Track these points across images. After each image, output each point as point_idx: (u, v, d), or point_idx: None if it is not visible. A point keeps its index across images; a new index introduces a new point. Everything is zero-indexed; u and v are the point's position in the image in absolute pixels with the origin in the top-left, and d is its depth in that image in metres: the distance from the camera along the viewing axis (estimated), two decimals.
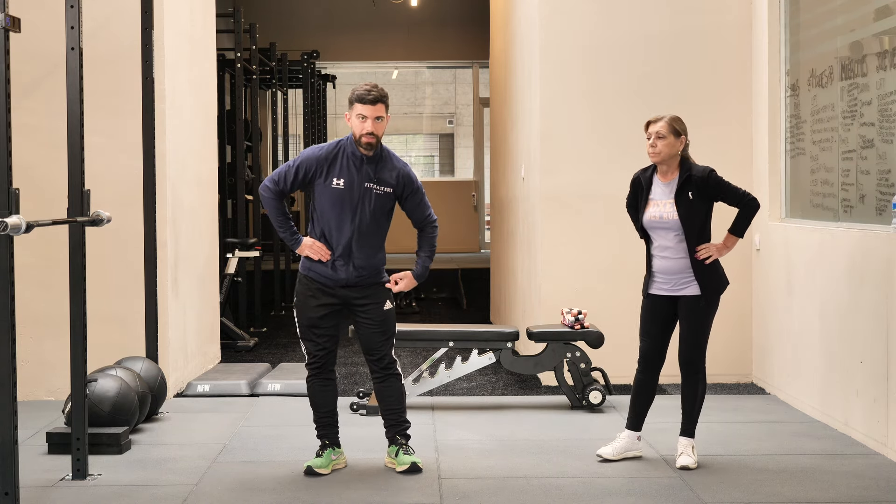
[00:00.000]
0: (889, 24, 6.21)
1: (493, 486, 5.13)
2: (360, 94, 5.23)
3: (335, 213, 5.27)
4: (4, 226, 4.33)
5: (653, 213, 5.43)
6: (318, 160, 5.29)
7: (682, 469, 5.39)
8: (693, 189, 5.37)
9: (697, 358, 5.44)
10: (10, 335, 4.49)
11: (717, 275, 5.45)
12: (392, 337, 5.45)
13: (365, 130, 5.21)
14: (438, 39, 17.45)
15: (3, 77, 4.42)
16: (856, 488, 5.09)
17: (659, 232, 5.43)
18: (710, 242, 5.43)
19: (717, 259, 5.43)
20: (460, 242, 17.44)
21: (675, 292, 5.44)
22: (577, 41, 7.78)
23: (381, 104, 5.24)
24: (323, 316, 5.34)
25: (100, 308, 6.80)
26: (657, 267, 5.47)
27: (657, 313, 5.50)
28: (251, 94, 13.46)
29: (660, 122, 5.41)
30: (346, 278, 5.30)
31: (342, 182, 5.25)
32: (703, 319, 5.42)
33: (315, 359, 5.39)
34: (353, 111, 5.24)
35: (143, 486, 5.16)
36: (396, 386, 5.46)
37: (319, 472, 5.33)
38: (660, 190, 5.46)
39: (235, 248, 10.14)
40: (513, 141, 9.40)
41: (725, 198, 5.45)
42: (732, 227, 5.51)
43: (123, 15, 6.99)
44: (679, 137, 5.39)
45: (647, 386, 5.58)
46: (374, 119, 5.21)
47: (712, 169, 5.44)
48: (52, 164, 6.79)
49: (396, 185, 5.34)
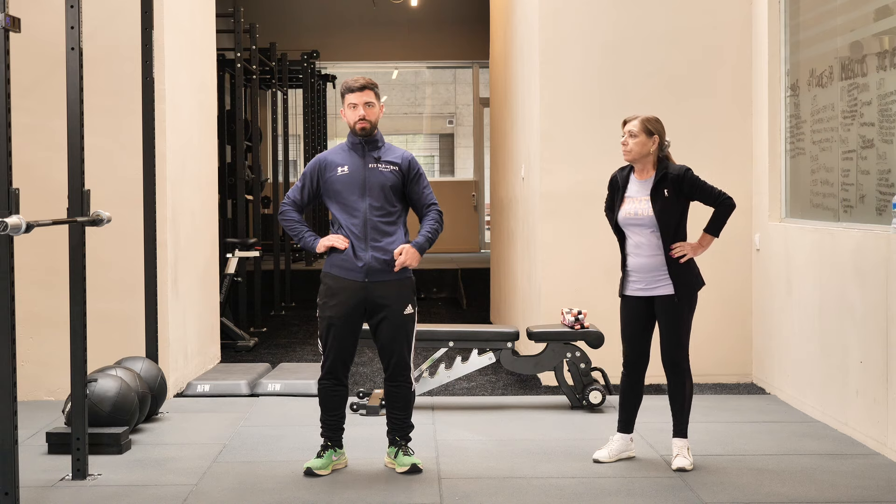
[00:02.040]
0: (889, 24, 6.21)
1: (493, 486, 5.13)
2: (348, 85, 5.37)
3: (346, 196, 5.32)
4: (4, 226, 4.33)
5: (628, 210, 5.45)
6: (320, 161, 5.43)
7: (679, 470, 5.39)
8: (669, 186, 5.39)
9: (680, 357, 5.44)
10: (10, 335, 4.49)
11: (692, 274, 5.46)
12: (410, 343, 5.41)
13: (357, 116, 5.32)
14: (438, 39, 17.45)
15: (3, 77, 4.42)
16: (856, 488, 5.09)
17: (633, 229, 5.44)
18: (685, 241, 5.44)
19: (692, 258, 5.43)
20: (460, 242, 17.44)
21: (650, 292, 5.44)
22: (577, 41, 7.78)
23: (369, 90, 5.36)
24: (342, 316, 5.32)
25: (100, 308, 6.80)
26: (631, 265, 5.48)
27: (634, 316, 5.50)
28: (251, 94, 13.48)
29: (634, 121, 5.45)
30: (366, 264, 5.28)
31: (346, 168, 5.35)
32: (680, 319, 5.42)
33: (330, 361, 5.37)
34: (345, 103, 5.38)
35: (143, 486, 5.16)
36: (406, 393, 5.44)
37: (318, 473, 5.33)
38: (636, 187, 5.48)
39: (235, 248, 10.14)
40: (513, 141, 9.40)
41: (701, 197, 5.46)
42: (708, 226, 5.52)
43: (123, 15, 6.99)
44: (651, 137, 5.41)
45: (634, 388, 5.58)
46: (365, 105, 5.32)
47: (689, 168, 5.46)
48: (52, 164, 6.79)
49: (402, 164, 5.41)
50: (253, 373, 7.85)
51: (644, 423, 6.18)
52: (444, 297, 14.04)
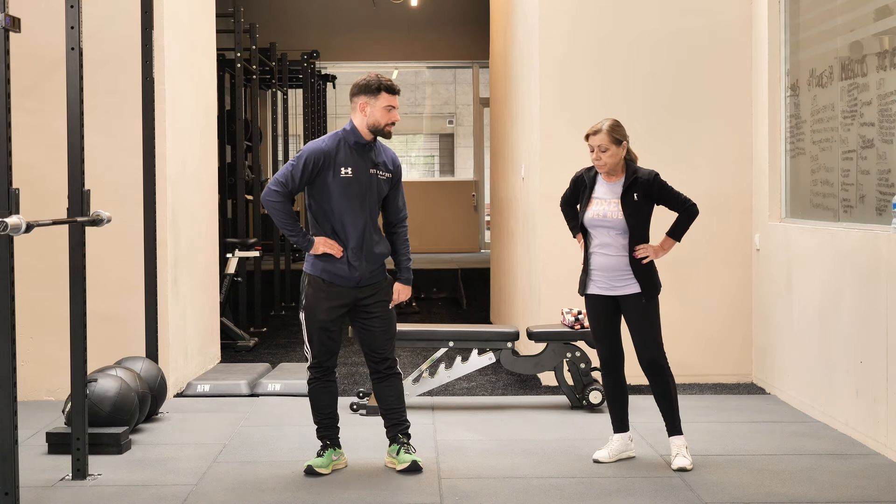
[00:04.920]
0: (889, 24, 6.21)
1: (493, 486, 5.13)
2: (387, 84, 5.30)
3: (346, 204, 5.25)
4: (4, 226, 4.33)
5: (596, 212, 5.47)
6: (325, 152, 5.26)
7: (680, 470, 5.39)
8: (639, 190, 5.43)
9: (657, 355, 5.44)
10: (10, 335, 4.49)
11: (655, 275, 5.50)
12: (394, 337, 5.47)
13: (392, 119, 5.32)
14: (438, 39, 17.45)
15: (3, 77, 4.42)
16: (856, 488, 5.09)
17: (600, 230, 5.47)
18: (647, 244, 5.45)
19: (652, 261, 5.45)
20: (460, 242, 17.44)
21: (614, 291, 5.46)
22: (577, 41, 7.78)
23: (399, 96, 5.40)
24: (333, 319, 5.33)
25: (100, 308, 6.80)
26: (595, 264, 5.50)
27: (600, 314, 5.53)
28: (251, 94, 13.47)
29: (599, 135, 5.44)
30: (360, 276, 5.29)
31: (350, 170, 5.26)
32: (650, 316, 5.44)
33: (320, 361, 5.38)
34: (379, 101, 5.27)
35: (143, 486, 5.16)
36: (397, 385, 5.46)
37: (320, 471, 5.33)
38: (604, 189, 5.50)
39: (235, 248, 10.14)
40: (513, 141, 9.40)
41: (667, 202, 5.51)
42: (671, 230, 5.56)
43: (123, 15, 6.99)
44: (620, 145, 5.45)
45: (617, 386, 5.59)
46: (397, 108, 5.35)
47: (657, 173, 5.50)
48: (52, 164, 6.79)
49: (394, 172, 5.42)
50: (253, 373, 7.85)
51: (644, 423, 6.17)
52: (444, 297, 14.04)
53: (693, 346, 7.71)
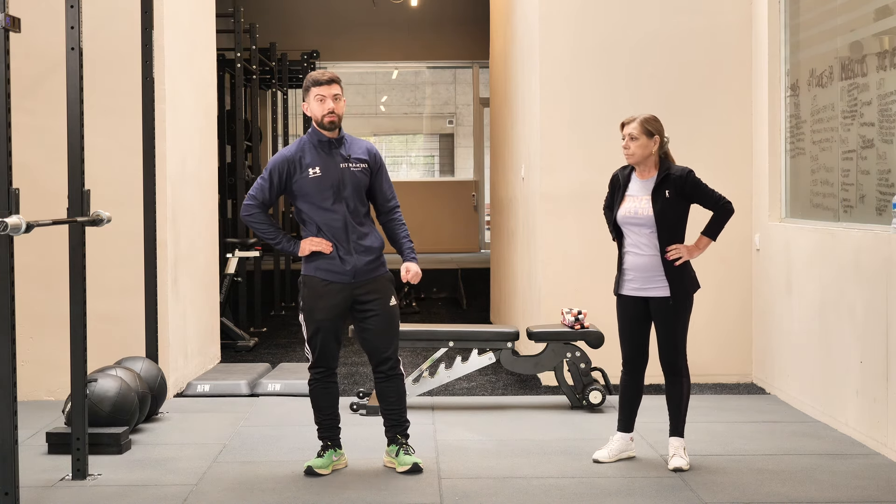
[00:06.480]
0: (889, 24, 6.21)
1: (493, 486, 5.13)
2: (314, 78, 5.34)
3: (321, 201, 5.28)
4: (4, 226, 4.33)
5: (628, 209, 5.44)
6: (287, 159, 5.33)
7: (676, 470, 5.39)
8: (671, 187, 5.39)
9: (678, 359, 5.44)
10: (10, 335, 4.49)
11: (688, 276, 5.45)
12: (397, 336, 5.46)
13: (326, 110, 5.29)
14: (438, 39, 17.44)
15: (3, 77, 4.42)
16: (856, 488, 5.09)
17: (632, 228, 5.44)
18: (682, 244, 5.43)
19: (687, 261, 5.43)
20: (460, 242, 17.43)
21: (645, 293, 5.43)
22: (577, 41, 7.78)
23: (336, 84, 5.34)
24: (332, 318, 5.33)
25: (100, 308, 6.80)
26: (628, 263, 5.47)
27: (630, 315, 5.50)
28: (251, 94, 13.47)
29: (632, 124, 5.43)
30: (353, 268, 5.30)
31: (318, 169, 5.29)
32: (676, 321, 5.41)
33: (320, 362, 5.38)
34: (311, 96, 5.31)
35: (143, 486, 5.16)
36: (399, 386, 5.46)
37: (320, 472, 5.33)
38: (637, 186, 5.47)
39: (235, 248, 10.14)
40: (513, 141, 9.40)
41: (701, 199, 5.46)
42: (706, 229, 5.51)
43: (123, 15, 6.99)
44: (652, 137, 5.41)
45: (634, 387, 5.58)
46: (332, 98, 5.30)
47: (691, 170, 5.45)
48: (52, 164, 6.79)
49: (369, 158, 5.40)
50: (253, 373, 7.85)
51: (644, 423, 6.17)
52: (444, 297, 14.04)
53: (693, 345, 7.65)
